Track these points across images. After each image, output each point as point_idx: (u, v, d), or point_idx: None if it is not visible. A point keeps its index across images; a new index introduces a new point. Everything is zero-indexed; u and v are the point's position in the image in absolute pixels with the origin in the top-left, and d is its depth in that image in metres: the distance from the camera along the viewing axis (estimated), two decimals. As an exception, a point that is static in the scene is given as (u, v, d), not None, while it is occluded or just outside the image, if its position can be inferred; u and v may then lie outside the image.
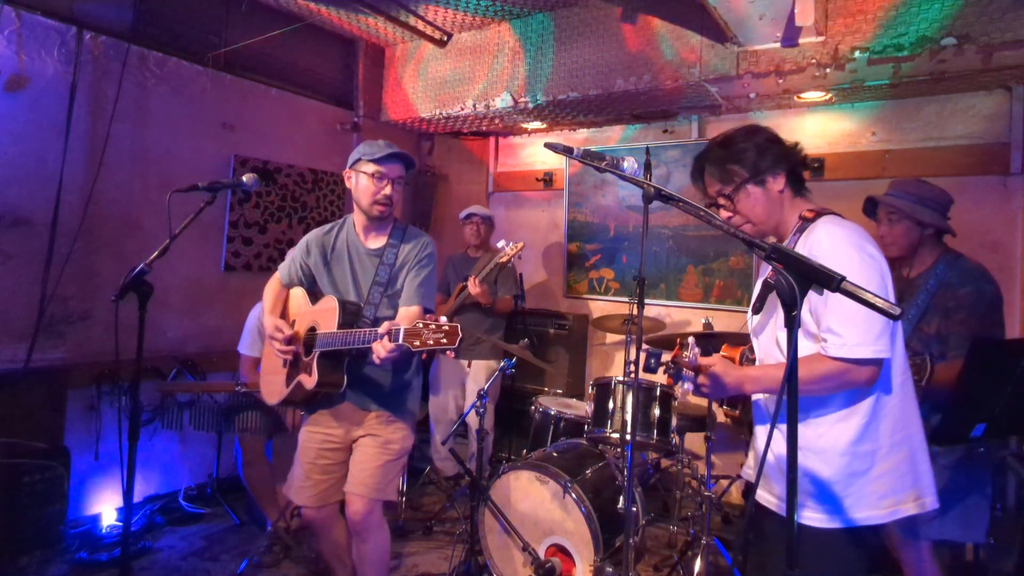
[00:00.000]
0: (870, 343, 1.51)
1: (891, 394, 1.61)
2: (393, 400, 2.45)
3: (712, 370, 1.68)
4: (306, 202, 4.62)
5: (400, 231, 2.50)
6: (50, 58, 3.29)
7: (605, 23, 4.00)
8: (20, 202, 3.22)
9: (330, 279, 2.48)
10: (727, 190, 1.74)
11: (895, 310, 1.07)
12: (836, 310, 1.53)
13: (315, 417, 2.46)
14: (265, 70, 4.38)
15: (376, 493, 2.39)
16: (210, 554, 3.34)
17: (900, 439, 1.61)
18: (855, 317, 1.50)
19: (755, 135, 1.75)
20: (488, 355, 4.27)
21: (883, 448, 1.59)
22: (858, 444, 1.58)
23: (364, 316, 2.37)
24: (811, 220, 1.68)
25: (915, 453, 1.63)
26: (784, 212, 1.74)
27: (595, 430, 3.23)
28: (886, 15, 3.12)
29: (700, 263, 4.57)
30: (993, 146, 3.63)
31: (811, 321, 1.61)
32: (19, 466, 3.02)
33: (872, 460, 1.58)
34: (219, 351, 4.05)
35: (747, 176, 1.71)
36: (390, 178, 2.38)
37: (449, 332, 1.90)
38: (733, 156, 1.72)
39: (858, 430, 1.59)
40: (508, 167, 5.68)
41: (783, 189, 1.72)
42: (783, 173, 1.71)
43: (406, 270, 2.42)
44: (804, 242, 1.65)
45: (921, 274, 2.54)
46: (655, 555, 3.44)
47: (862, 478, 1.58)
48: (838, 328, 1.53)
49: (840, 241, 1.58)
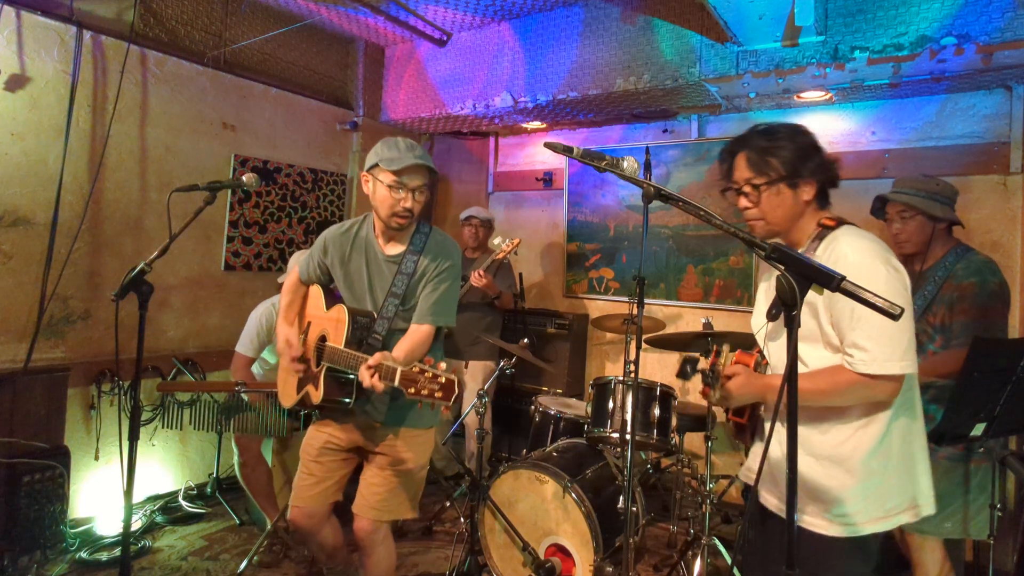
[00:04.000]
0: (898, 359, 1.50)
1: (904, 404, 1.61)
2: (405, 413, 2.32)
3: (735, 380, 1.66)
4: (306, 202, 4.62)
5: (423, 237, 2.31)
6: (50, 58, 3.29)
7: (605, 23, 4.00)
8: (20, 202, 3.22)
9: (347, 283, 2.35)
10: (758, 181, 1.66)
11: (895, 310, 1.08)
12: (863, 325, 1.51)
13: (325, 419, 2.39)
14: (265, 70, 4.38)
15: (383, 515, 2.32)
16: (210, 554, 3.34)
17: (907, 448, 1.62)
18: (883, 333, 1.49)
19: (801, 136, 1.68)
20: (486, 355, 4.26)
21: (895, 457, 1.59)
22: (876, 452, 1.58)
23: (376, 331, 2.22)
24: (831, 229, 1.64)
25: (917, 462, 1.64)
26: (803, 220, 1.70)
27: (595, 430, 3.23)
28: (886, 14, 3.12)
29: (700, 263, 4.57)
30: (993, 145, 3.64)
31: (833, 334, 1.59)
32: (19, 466, 3.02)
33: (886, 468, 1.58)
34: (219, 350, 4.04)
35: (783, 174, 1.64)
36: (410, 189, 2.18)
37: (445, 386, 1.76)
38: (775, 149, 1.65)
39: (877, 438, 1.58)
40: (508, 167, 5.68)
41: (811, 200, 1.67)
42: (816, 184, 1.66)
43: (423, 283, 2.26)
44: (825, 251, 1.62)
45: (931, 267, 2.57)
46: (655, 555, 3.44)
47: (878, 487, 1.58)
48: (865, 343, 1.51)
49: (867, 255, 1.55)
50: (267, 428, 3.33)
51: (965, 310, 2.42)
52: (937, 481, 1.84)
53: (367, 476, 2.35)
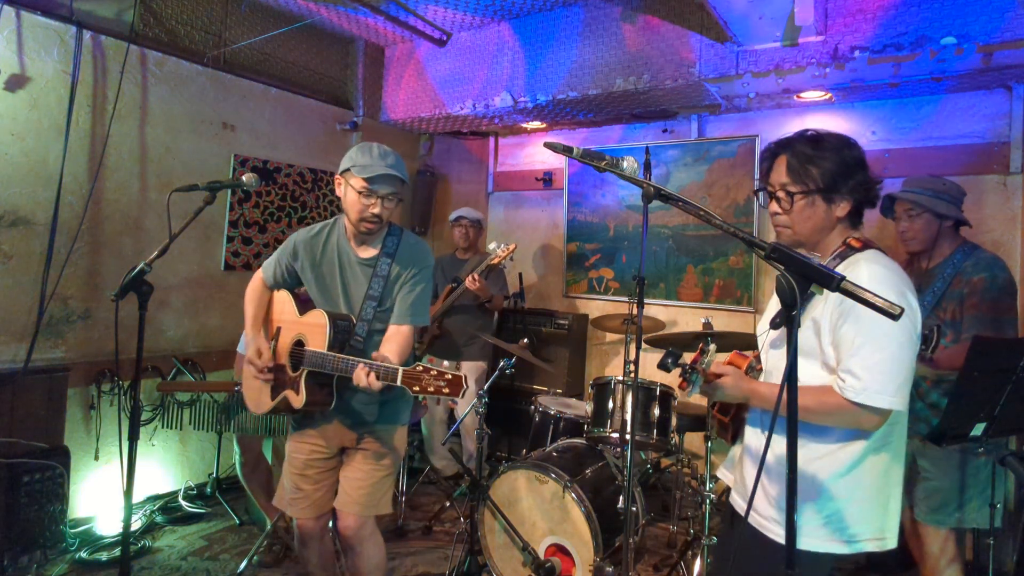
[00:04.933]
0: (889, 393, 1.46)
1: (885, 437, 1.57)
2: (386, 412, 2.35)
3: (723, 380, 1.65)
4: (306, 201, 4.62)
5: (395, 239, 2.33)
6: (50, 58, 3.29)
7: (605, 23, 4.00)
8: (20, 202, 3.22)
9: (319, 286, 2.34)
10: (794, 188, 1.62)
11: (895, 309, 1.07)
12: (862, 353, 1.48)
13: (304, 429, 2.37)
14: (265, 70, 4.38)
15: (369, 510, 2.32)
16: (210, 554, 3.34)
17: (882, 480, 1.58)
18: (881, 364, 1.46)
19: (848, 149, 1.63)
20: (479, 356, 4.27)
21: (865, 487, 1.56)
22: (845, 476, 1.56)
23: (356, 333, 2.24)
24: (857, 250, 1.60)
25: (891, 498, 1.60)
26: (831, 235, 1.65)
27: (595, 430, 3.23)
28: (886, 14, 3.12)
29: (700, 263, 4.57)
30: (993, 145, 3.64)
31: (831, 355, 1.55)
32: (19, 466, 3.02)
33: (852, 494, 1.56)
34: (219, 350, 4.05)
35: (820, 187, 1.60)
36: (379, 196, 2.19)
37: (453, 382, 1.79)
38: (817, 159, 1.60)
39: (848, 463, 1.56)
40: (508, 167, 5.68)
41: (844, 216, 1.63)
42: (852, 203, 1.61)
43: (399, 284, 2.29)
44: (842, 271, 1.54)
45: (939, 264, 2.61)
46: (655, 555, 3.44)
47: (840, 511, 1.55)
48: (860, 372, 1.47)
49: (883, 284, 1.49)
50: (267, 428, 3.33)
51: (976, 304, 2.46)
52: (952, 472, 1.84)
53: (348, 473, 2.35)
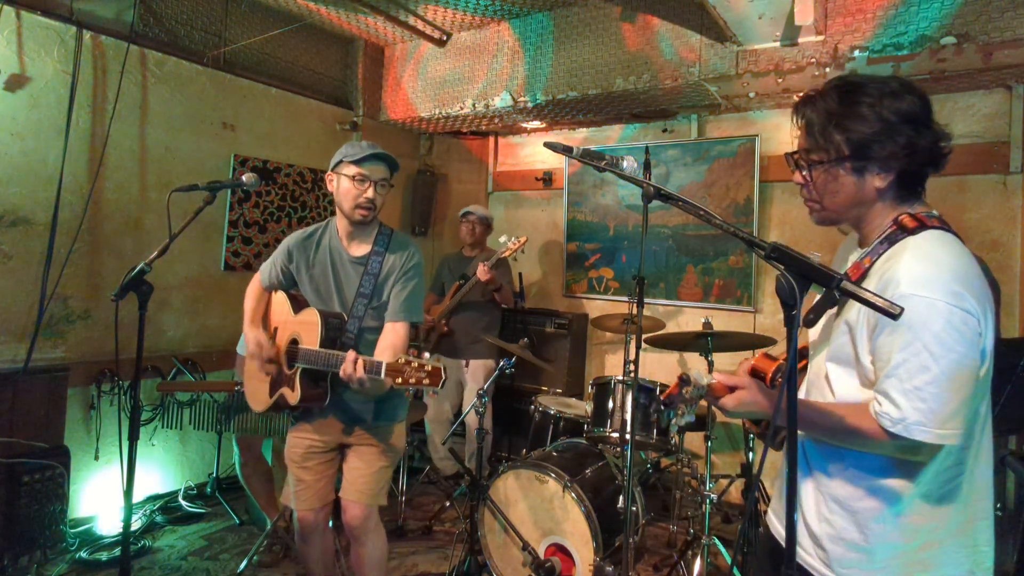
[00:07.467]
0: (936, 425, 1.14)
1: (959, 459, 1.23)
2: (382, 410, 2.39)
3: (738, 395, 1.34)
4: (306, 201, 4.62)
5: (385, 238, 2.39)
6: (50, 58, 3.29)
7: (605, 23, 4.00)
8: (20, 202, 3.22)
9: (312, 286, 2.40)
10: (813, 157, 1.31)
11: (894, 309, 1.00)
12: (899, 374, 1.16)
13: (302, 424, 2.42)
14: (265, 70, 4.38)
15: (374, 499, 2.37)
16: (210, 554, 3.34)
17: (962, 511, 1.25)
18: (926, 389, 1.14)
19: (892, 100, 1.24)
20: (485, 354, 4.26)
21: (939, 522, 1.24)
22: (906, 515, 1.24)
23: (348, 331, 2.29)
24: (909, 232, 1.26)
25: (978, 526, 1.27)
26: (873, 212, 1.32)
27: (595, 429, 3.23)
28: (886, 14, 3.12)
29: (700, 262, 4.57)
30: (993, 145, 3.64)
31: (870, 368, 1.24)
32: (19, 466, 3.02)
33: (920, 535, 1.23)
34: (219, 350, 4.05)
35: (844, 154, 1.26)
36: (372, 180, 2.28)
37: (432, 373, 1.85)
38: (845, 118, 1.26)
39: (908, 497, 1.24)
40: (508, 166, 5.68)
41: (884, 190, 1.28)
42: (894, 173, 1.27)
43: (391, 281, 2.33)
44: (885, 263, 1.26)
45: None
46: (655, 555, 3.44)
47: (902, 550, 1.24)
48: (897, 397, 1.16)
49: (926, 286, 1.16)
50: (267, 428, 3.33)
51: None
52: None
53: (352, 464, 2.40)
